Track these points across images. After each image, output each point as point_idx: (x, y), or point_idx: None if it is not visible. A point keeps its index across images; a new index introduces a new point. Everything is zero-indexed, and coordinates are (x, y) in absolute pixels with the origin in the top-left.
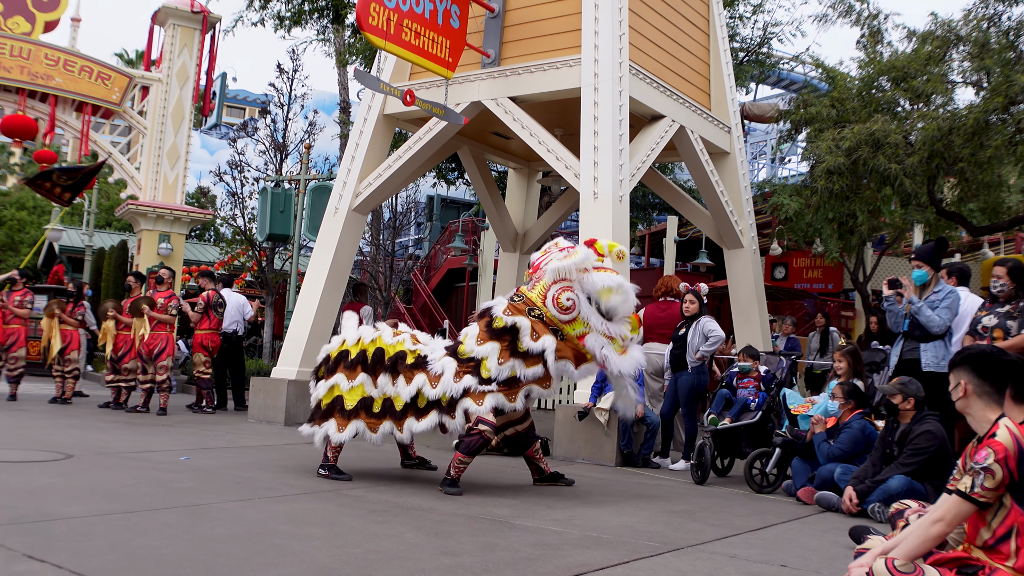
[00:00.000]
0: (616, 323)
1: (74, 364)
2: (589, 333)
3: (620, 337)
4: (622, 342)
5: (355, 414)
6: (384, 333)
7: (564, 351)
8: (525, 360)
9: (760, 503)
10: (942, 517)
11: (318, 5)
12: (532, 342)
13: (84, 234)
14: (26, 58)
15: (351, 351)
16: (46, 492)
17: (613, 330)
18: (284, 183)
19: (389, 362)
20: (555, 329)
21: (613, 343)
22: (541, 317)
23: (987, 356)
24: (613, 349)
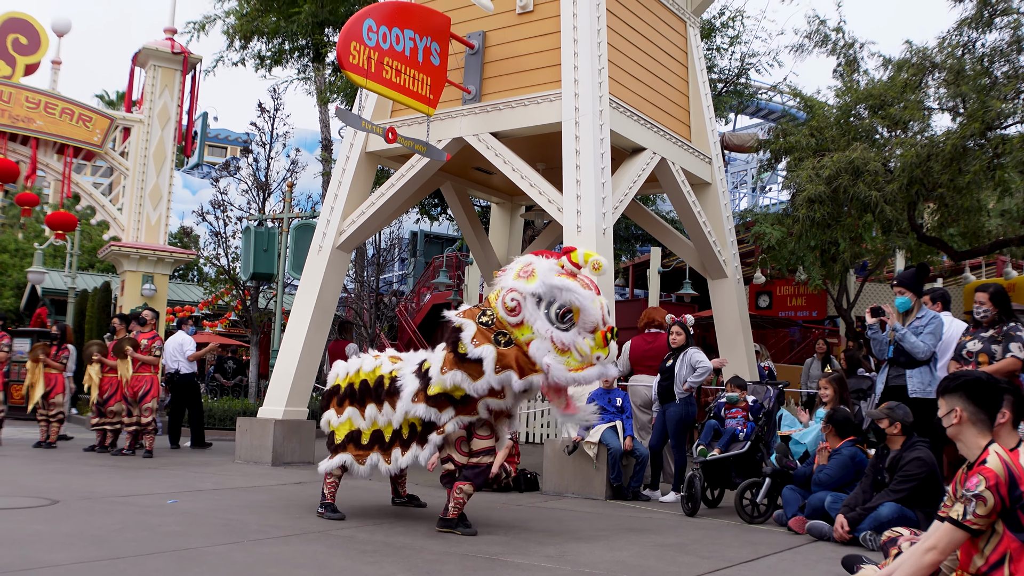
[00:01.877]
0: (572, 333)
1: (58, 408)
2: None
3: (576, 350)
4: (580, 357)
5: (343, 448)
6: (364, 363)
7: (507, 358)
8: (470, 371)
9: (751, 534)
10: (935, 545)
11: (298, 44)
12: (473, 347)
13: (67, 276)
14: (7, 101)
15: (341, 386)
16: (31, 539)
17: (565, 339)
18: (267, 222)
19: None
20: (502, 334)
21: (566, 356)
22: (491, 322)
23: (982, 383)
24: (559, 359)
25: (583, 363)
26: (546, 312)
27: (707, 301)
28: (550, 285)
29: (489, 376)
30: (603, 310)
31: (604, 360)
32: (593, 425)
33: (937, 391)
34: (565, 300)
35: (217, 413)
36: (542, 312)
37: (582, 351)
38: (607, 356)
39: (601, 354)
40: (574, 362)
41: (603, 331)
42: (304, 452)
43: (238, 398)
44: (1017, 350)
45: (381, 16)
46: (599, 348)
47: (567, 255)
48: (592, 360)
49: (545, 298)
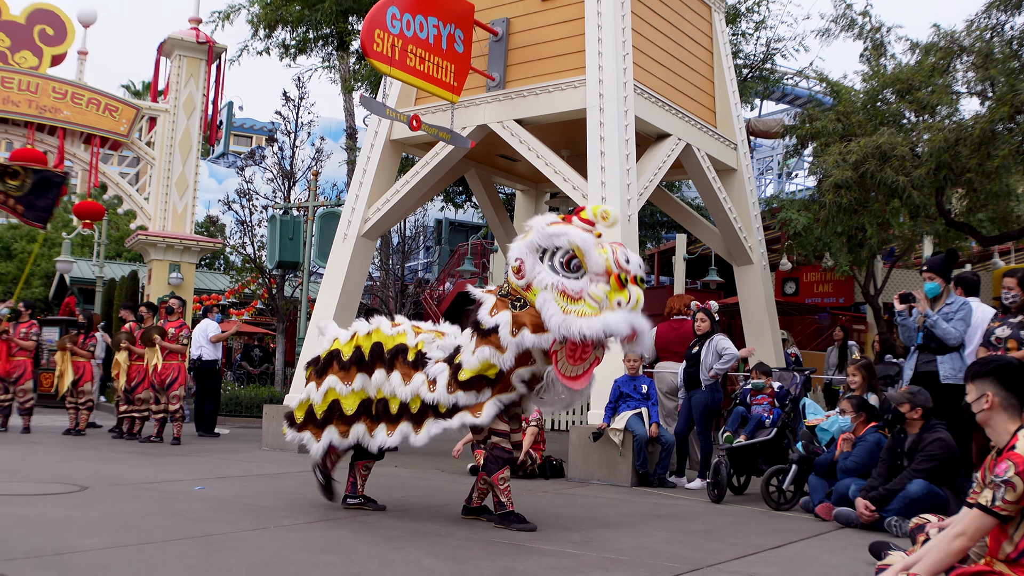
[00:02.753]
0: (584, 280)
1: (87, 395)
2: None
3: (590, 296)
4: (596, 304)
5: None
6: (382, 324)
7: (521, 319)
8: (495, 344)
9: (778, 520)
10: (963, 531)
11: (323, 33)
12: (488, 317)
13: (94, 265)
14: (34, 92)
15: (343, 351)
16: (62, 524)
17: (574, 286)
18: (292, 210)
19: (388, 355)
20: (518, 299)
21: (579, 304)
22: (507, 292)
23: (1014, 368)
24: (564, 307)
25: (599, 310)
26: (551, 264)
27: (733, 288)
28: (545, 233)
29: (506, 341)
30: (616, 254)
31: (626, 305)
32: (619, 411)
33: (966, 376)
34: (562, 244)
35: (244, 401)
36: (546, 264)
37: (596, 296)
38: (630, 302)
39: (621, 298)
40: (589, 309)
41: (615, 274)
42: None
43: (265, 386)
44: None
45: (405, 4)
46: (616, 292)
47: (577, 214)
48: (609, 306)
49: (548, 248)
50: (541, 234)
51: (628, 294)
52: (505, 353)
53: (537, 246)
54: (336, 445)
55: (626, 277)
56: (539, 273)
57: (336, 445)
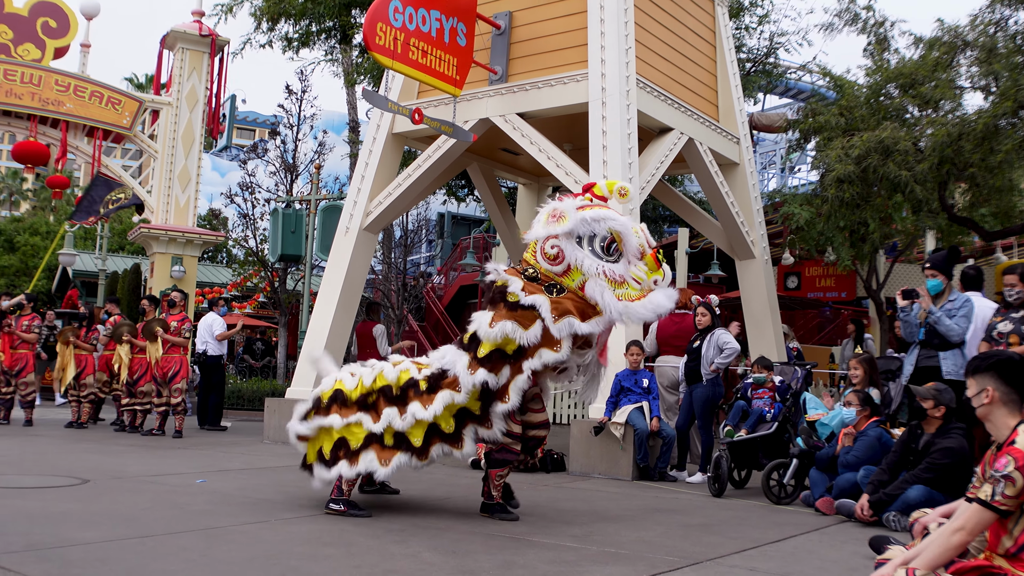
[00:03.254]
0: (623, 264)
1: (89, 388)
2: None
3: (634, 279)
4: (639, 285)
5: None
6: (384, 369)
7: (563, 305)
8: (521, 320)
9: (778, 514)
10: (963, 526)
11: (325, 26)
12: (524, 294)
13: (97, 258)
14: (37, 85)
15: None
16: (63, 517)
17: (617, 270)
18: (295, 203)
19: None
20: (553, 286)
21: (624, 288)
22: (536, 276)
23: (1014, 363)
24: (614, 293)
25: (643, 291)
26: (590, 249)
27: (735, 282)
28: (584, 219)
29: (549, 324)
30: (645, 232)
31: (662, 283)
32: (620, 405)
33: (966, 371)
34: (604, 230)
35: (246, 394)
36: (586, 250)
37: (639, 278)
38: (664, 279)
39: (658, 277)
40: (634, 292)
41: (651, 253)
42: None
43: (267, 379)
44: None
45: None
46: (654, 271)
47: (589, 191)
48: (651, 285)
49: (585, 234)
50: (578, 220)
51: (663, 271)
52: (530, 331)
53: (575, 232)
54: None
55: (660, 256)
56: (583, 259)
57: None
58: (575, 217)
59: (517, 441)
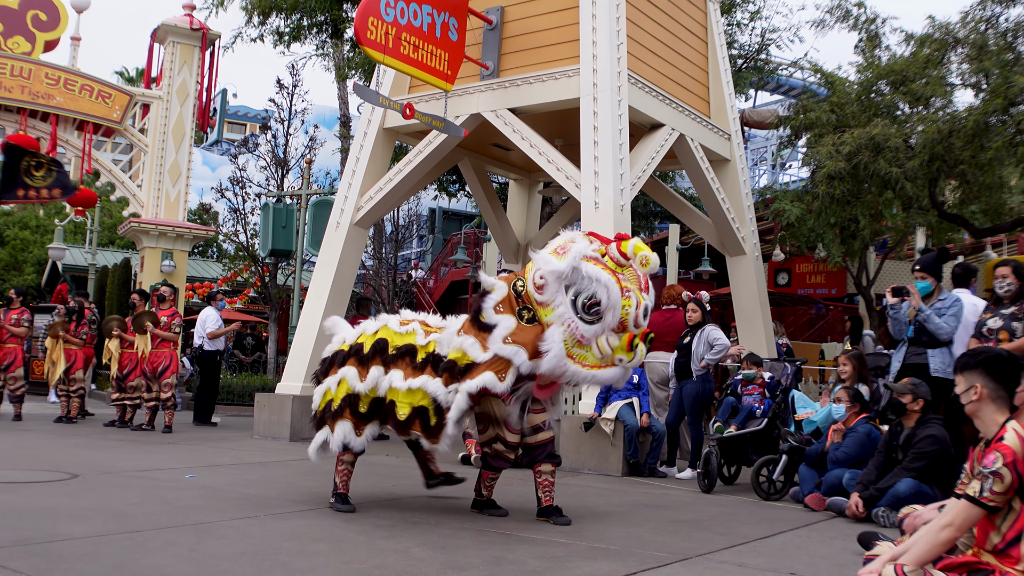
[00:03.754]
0: (596, 327)
1: (79, 383)
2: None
3: (597, 347)
4: (600, 356)
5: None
6: (391, 322)
7: (523, 336)
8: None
9: (768, 510)
10: (951, 522)
11: (317, 20)
12: (492, 313)
13: (87, 252)
14: (27, 78)
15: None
16: (52, 512)
17: (587, 332)
18: (286, 198)
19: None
20: (530, 310)
21: (584, 351)
22: (520, 294)
23: (1002, 360)
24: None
25: (602, 363)
26: (572, 300)
27: (726, 278)
28: (578, 270)
29: (494, 345)
30: (638, 310)
31: (626, 363)
32: (610, 401)
33: (955, 367)
34: (591, 291)
35: (236, 389)
36: (568, 298)
37: (603, 349)
38: (630, 360)
39: (624, 357)
40: (591, 359)
41: (631, 334)
42: None
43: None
44: None
45: None
46: (622, 351)
47: (617, 243)
48: (613, 361)
49: (573, 284)
50: (572, 269)
51: (633, 355)
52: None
53: (567, 277)
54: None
55: (640, 342)
56: (559, 305)
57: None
58: (571, 263)
59: (512, 449)
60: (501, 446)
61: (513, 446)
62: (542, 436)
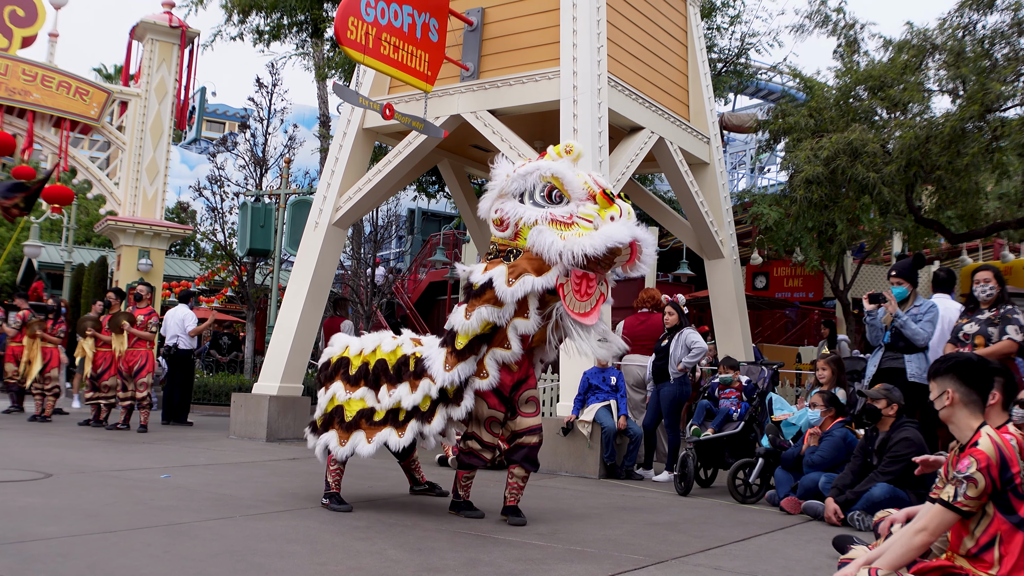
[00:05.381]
0: (571, 205)
1: (54, 382)
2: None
3: (584, 219)
4: (590, 223)
5: (355, 426)
6: (384, 342)
7: (518, 267)
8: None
9: (743, 513)
10: (925, 527)
11: (297, 20)
12: (481, 275)
13: (63, 250)
14: (3, 74)
15: (353, 362)
16: (24, 512)
17: (563, 211)
18: (264, 198)
19: (393, 372)
20: (509, 252)
21: (572, 228)
22: (497, 252)
23: (973, 364)
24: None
25: (596, 228)
26: (532, 201)
27: (704, 281)
28: (516, 175)
29: (501, 292)
30: (593, 176)
31: (621, 218)
32: (588, 404)
33: (928, 373)
34: (538, 178)
35: (212, 388)
36: (528, 203)
37: (588, 215)
38: (623, 213)
39: (613, 212)
40: (585, 230)
41: (598, 191)
42: (298, 428)
43: (233, 374)
44: (1014, 332)
45: None
46: (605, 207)
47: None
48: (605, 220)
49: (521, 190)
50: (513, 177)
51: (618, 207)
52: (504, 308)
53: (513, 191)
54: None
55: (611, 192)
56: (523, 212)
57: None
58: (511, 175)
59: (488, 448)
60: (476, 445)
61: (489, 446)
62: (528, 439)
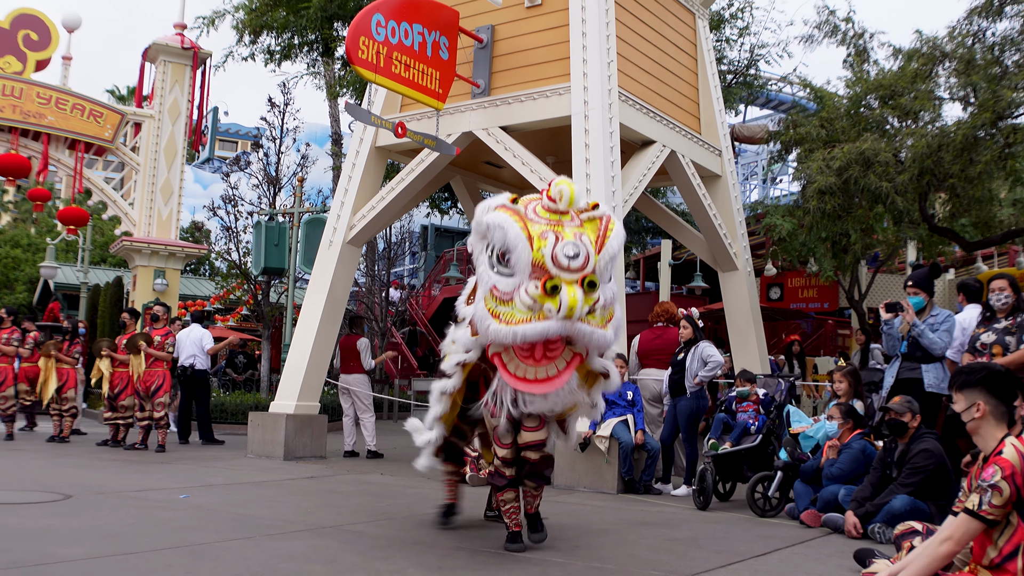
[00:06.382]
0: (516, 278)
1: (71, 402)
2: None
3: (519, 300)
4: (523, 308)
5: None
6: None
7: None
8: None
9: (763, 527)
10: (951, 536)
11: (308, 39)
12: (464, 306)
13: (79, 271)
14: (18, 97)
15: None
16: (45, 534)
17: (503, 285)
18: (278, 216)
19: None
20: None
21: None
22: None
23: (1002, 376)
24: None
25: (529, 315)
26: (488, 257)
27: (718, 293)
28: (482, 223)
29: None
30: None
31: (555, 315)
32: (605, 419)
33: (952, 384)
34: (496, 240)
35: (229, 407)
36: (484, 257)
37: (525, 301)
38: (560, 310)
39: (551, 306)
40: (519, 314)
41: (543, 279)
42: (316, 446)
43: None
44: None
45: (390, 11)
46: (544, 298)
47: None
48: (544, 312)
49: (488, 241)
50: (479, 223)
51: (559, 301)
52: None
53: (482, 233)
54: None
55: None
56: (480, 266)
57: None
58: (478, 219)
59: (507, 464)
60: (497, 461)
61: (507, 461)
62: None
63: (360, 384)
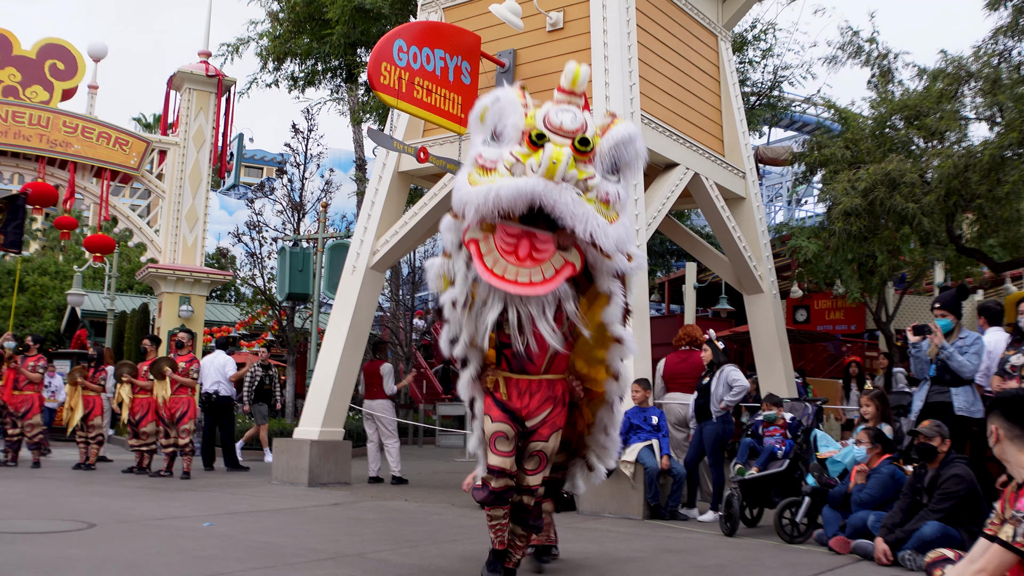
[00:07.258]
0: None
1: (97, 430)
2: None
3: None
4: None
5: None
6: None
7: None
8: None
9: (792, 554)
10: (984, 568)
11: (331, 65)
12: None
13: (105, 298)
14: (45, 126)
15: None
16: (68, 564)
17: (489, 154)
18: (302, 242)
19: None
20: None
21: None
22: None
23: (1017, 400)
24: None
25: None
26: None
27: (744, 316)
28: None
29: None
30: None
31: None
32: (630, 443)
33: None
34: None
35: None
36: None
37: (508, 161)
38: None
39: (534, 160)
40: (499, 176)
41: (527, 132)
42: (340, 473)
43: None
44: None
45: (412, 36)
46: (528, 156)
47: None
48: (526, 169)
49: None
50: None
51: (540, 155)
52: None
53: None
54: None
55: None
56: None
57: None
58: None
59: (495, 475)
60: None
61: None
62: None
63: (384, 410)
